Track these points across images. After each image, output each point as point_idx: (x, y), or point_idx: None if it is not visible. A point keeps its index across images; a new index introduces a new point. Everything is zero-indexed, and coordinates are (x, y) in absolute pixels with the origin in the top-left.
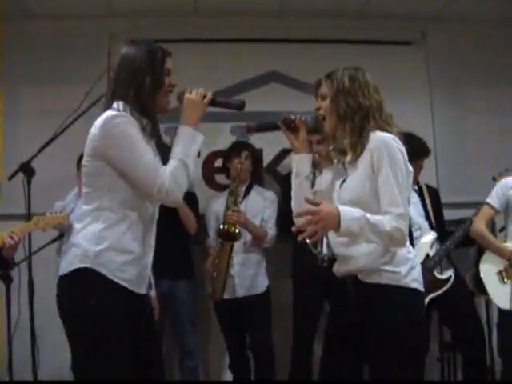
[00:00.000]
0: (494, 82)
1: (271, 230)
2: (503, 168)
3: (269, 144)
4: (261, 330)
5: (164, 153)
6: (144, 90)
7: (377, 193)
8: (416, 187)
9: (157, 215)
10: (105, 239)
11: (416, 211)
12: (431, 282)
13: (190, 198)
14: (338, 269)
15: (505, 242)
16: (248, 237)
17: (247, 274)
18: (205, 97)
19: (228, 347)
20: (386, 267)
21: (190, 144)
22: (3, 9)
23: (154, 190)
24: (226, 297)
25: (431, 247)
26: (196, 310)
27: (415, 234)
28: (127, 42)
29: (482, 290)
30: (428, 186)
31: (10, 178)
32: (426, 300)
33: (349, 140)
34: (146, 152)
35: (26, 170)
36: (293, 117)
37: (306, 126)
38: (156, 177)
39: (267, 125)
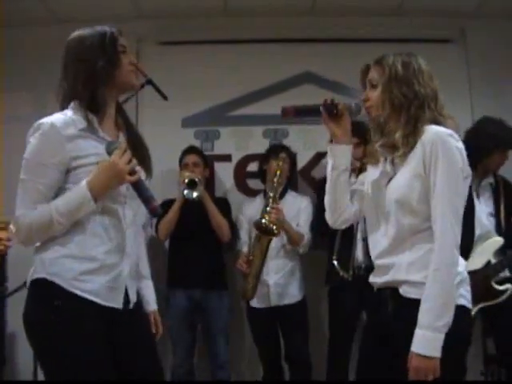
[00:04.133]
0: None
1: (307, 234)
2: None
3: (304, 148)
4: (297, 340)
5: (134, 135)
6: (96, 73)
7: (426, 196)
8: (492, 180)
9: (131, 218)
10: (60, 245)
11: (483, 207)
12: (485, 291)
13: (223, 203)
14: (376, 279)
15: None
16: (283, 240)
17: (281, 282)
18: (131, 173)
19: (261, 358)
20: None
21: (76, 209)
22: (29, 14)
23: (12, 221)
24: (259, 306)
25: (495, 254)
26: (229, 321)
27: (476, 232)
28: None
29: None
30: (505, 181)
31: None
32: (475, 309)
33: (402, 132)
34: (36, 178)
35: None
36: (336, 102)
37: (351, 113)
38: (19, 209)
39: (307, 109)
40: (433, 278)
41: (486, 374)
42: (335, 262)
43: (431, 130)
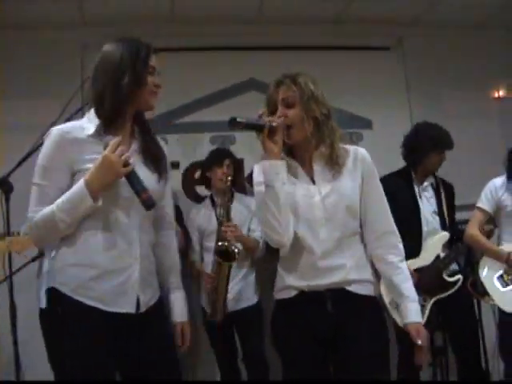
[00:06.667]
0: (470, 85)
1: (261, 238)
2: (483, 170)
3: (251, 154)
4: (254, 341)
5: (149, 141)
6: (120, 88)
7: (359, 203)
8: (433, 181)
9: (138, 222)
10: (65, 255)
11: (427, 207)
12: (438, 284)
13: (175, 211)
14: (318, 282)
15: (498, 244)
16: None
17: (236, 288)
18: (126, 165)
19: (219, 362)
20: (372, 278)
21: (76, 205)
22: None
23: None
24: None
25: (443, 248)
26: None
27: (423, 229)
28: (112, 40)
29: (485, 295)
30: (444, 181)
31: None
32: (431, 302)
33: (330, 148)
34: (43, 181)
35: (4, 186)
36: (272, 121)
37: (283, 130)
38: (29, 211)
39: (254, 125)
40: (402, 265)
41: (434, 365)
42: None
43: (361, 151)
